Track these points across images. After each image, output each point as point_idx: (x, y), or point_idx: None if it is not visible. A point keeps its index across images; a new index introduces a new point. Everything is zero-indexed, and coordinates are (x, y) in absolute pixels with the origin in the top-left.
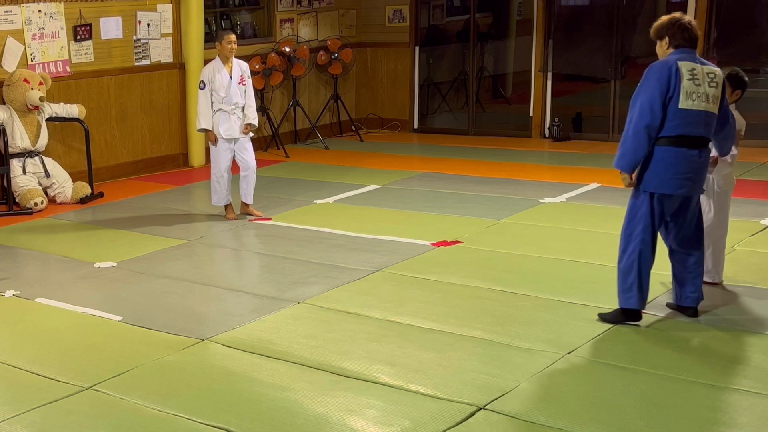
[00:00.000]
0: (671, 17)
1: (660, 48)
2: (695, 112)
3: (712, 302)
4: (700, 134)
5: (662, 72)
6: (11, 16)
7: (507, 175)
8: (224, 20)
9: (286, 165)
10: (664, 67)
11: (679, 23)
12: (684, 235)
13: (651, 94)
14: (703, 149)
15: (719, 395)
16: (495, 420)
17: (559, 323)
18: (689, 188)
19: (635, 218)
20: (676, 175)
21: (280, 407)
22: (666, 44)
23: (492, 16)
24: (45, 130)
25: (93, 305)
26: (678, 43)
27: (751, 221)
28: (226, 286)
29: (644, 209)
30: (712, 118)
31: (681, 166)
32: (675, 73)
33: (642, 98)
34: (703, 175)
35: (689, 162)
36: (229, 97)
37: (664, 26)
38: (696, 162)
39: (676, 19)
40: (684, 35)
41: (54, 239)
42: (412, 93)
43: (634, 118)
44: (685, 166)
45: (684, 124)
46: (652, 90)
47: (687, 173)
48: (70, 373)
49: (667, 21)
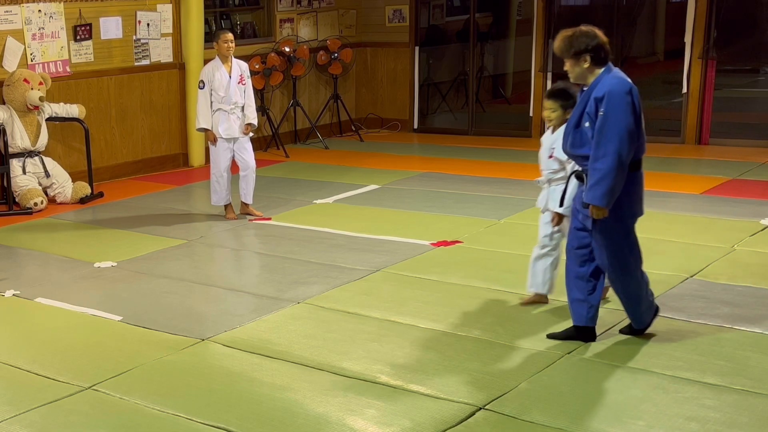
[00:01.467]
0: (586, 31)
1: (577, 66)
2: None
3: (712, 302)
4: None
5: (630, 96)
6: (11, 16)
7: (507, 175)
8: (224, 20)
9: (286, 165)
10: (629, 91)
11: (599, 39)
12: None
13: (627, 122)
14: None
15: (719, 395)
16: (495, 420)
17: (559, 323)
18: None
19: (624, 246)
20: (642, 198)
21: (280, 407)
22: (587, 62)
23: (492, 16)
24: (45, 130)
25: (93, 305)
26: (603, 59)
27: (751, 221)
28: (226, 286)
29: (633, 234)
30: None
31: (642, 187)
32: (637, 94)
33: (620, 128)
34: None
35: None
36: (228, 96)
37: (581, 41)
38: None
39: (593, 33)
40: (606, 49)
41: (54, 239)
42: (412, 93)
43: (615, 149)
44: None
45: (641, 145)
46: (627, 117)
47: (643, 194)
48: (70, 373)
49: (582, 35)
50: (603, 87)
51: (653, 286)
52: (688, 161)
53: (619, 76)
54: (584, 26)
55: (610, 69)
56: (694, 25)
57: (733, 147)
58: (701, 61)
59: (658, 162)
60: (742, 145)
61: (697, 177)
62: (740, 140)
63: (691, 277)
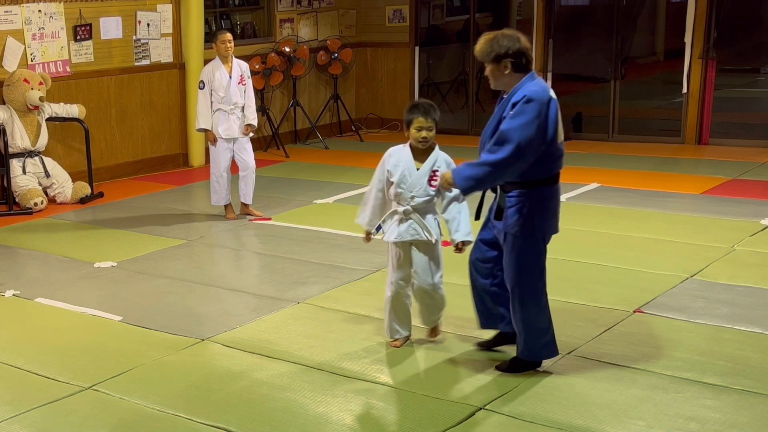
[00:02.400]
0: (509, 35)
1: (497, 71)
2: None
3: (712, 302)
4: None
5: (547, 107)
6: (11, 16)
7: None
8: (224, 20)
9: (286, 165)
10: (548, 101)
11: (521, 44)
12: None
13: (531, 130)
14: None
15: (719, 395)
16: (495, 420)
17: (559, 323)
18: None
19: (534, 268)
20: (557, 215)
21: (280, 407)
22: (508, 67)
23: (492, 16)
24: (45, 130)
25: (93, 305)
26: (524, 65)
27: (751, 221)
28: (226, 286)
29: (544, 257)
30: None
31: (558, 203)
32: (556, 106)
33: (522, 134)
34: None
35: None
36: (228, 96)
37: (501, 45)
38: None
39: (516, 37)
40: (528, 55)
41: (54, 239)
42: (412, 93)
43: (509, 153)
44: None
45: (558, 159)
46: (534, 126)
47: (558, 211)
48: (70, 373)
49: (504, 38)
50: (523, 92)
51: (653, 286)
52: (688, 161)
53: (542, 84)
54: (508, 30)
55: (533, 77)
56: (694, 25)
57: (733, 147)
58: (701, 61)
59: (658, 162)
60: (742, 145)
61: (697, 177)
62: (740, 140)
63: (691, 277)
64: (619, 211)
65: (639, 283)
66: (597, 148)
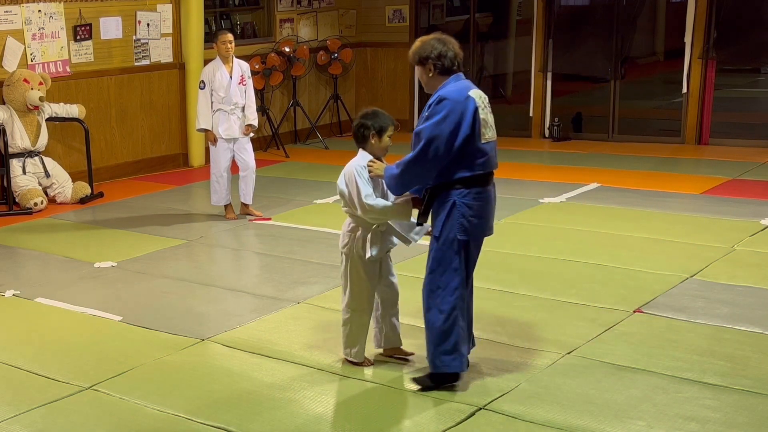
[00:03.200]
0: (438, 38)
1: (424, 74)
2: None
3: (712, 302)
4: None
5: (462, 106)
6: (11, 16)
7: (507, 175)
8: (224, 20)
9: (286, 165)
10: (463, 101)
11: (444, 48)
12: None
13: (444, 127)
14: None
15: (719, 395)
16: (495, 420)
17: (559, 323)
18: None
19: (448, 268)
20: (488, 217)
21: (280, 407)
22: (431, 70)
23: (492, 16)
24: (45, 130)
25: (93, 305)
26: (447, 68)
27: (751, 221)
28: (226, 286)
29: (463, 260)
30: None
31: (489, 205)
32: (473, 106)
33: (433, 131)
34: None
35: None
36: (228, 97)
37: (426, 48)
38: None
39: (443, 41)
40: (451, 58)
41: (54, 239)
42: (412, 93)
43: (421, 150)
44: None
45: (488, 160)
46: (448, 124)
47: (489, 213)
48: (70, 373)
49: (433, 41)
50: (438, 93)
51: (653, 286)
52: (688, 161)
53: (461, 86)
54: (439, 34)
55: (458, 78)
56: (694, 25)
57: (733, 147)
58: (701, 61)
59: (658, 162)
60: (742, 145)
61: (697, 177)
62: (740, 140)
63: (691, 277)
64: (619, 211)
65: (639, 283)
66: (597, 148)
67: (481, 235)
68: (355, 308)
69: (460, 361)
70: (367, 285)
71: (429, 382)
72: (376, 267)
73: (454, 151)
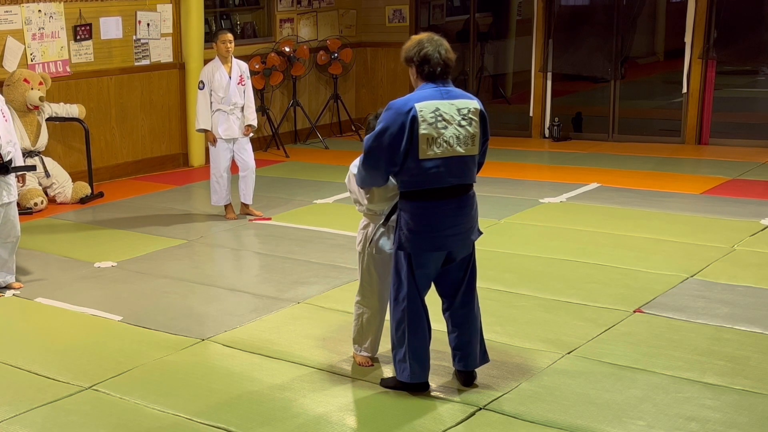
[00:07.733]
0: (429, 39)
1: (410, 74)
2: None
3: (712, 302)
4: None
5: (403, 119)
6: (11, 16)
7: (507, 175)
8: (224, 20)
9: (286, 165)
10: (405, 112)
11: (428, 52)
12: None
13: (374, 140)
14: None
15: (719, 395)
16: (495, 420)
17: (559, 323)
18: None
19: (396, 279)
20: (434, 234)
21: (280, 407)
22: (413, 73)
23: (492, 16)
24: (45, 130)
25: (93, 305)
26: (427, 73)
27: (751, 221)
28: (226, 286)
29: (410, 272)
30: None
31: (437, 220)
32: (416, 118)
33: (368, 142)
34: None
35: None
36: (228, 97)
37: (410, 50)
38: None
39: (433, 43)
40: (433, 64)
41: (54, 239)
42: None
43: (361, 162)
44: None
45: (430, 176)
46: (379, 136)
47: (438, 229)
48: (70, 373)
49: (422, 42)
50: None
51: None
52: (688, 161)
53: (417, 96)
54: (432, 34)
55: (431, 87)
56: (694, 25)
57: (733, 147)
58: (701, 61)
59: (658, 162)
60: (742, 145)
61: (697, 177)
62: (740, 140)
63: (691, 277)
64: (619, 211)
65: (639, 283)
66: (597, 148)
67: (425, 249)
68: (365, 305)
69: (410, 372)
70: (378, 284)
71: (391, 384)
72: (388, 267)
73: (399, 162)
